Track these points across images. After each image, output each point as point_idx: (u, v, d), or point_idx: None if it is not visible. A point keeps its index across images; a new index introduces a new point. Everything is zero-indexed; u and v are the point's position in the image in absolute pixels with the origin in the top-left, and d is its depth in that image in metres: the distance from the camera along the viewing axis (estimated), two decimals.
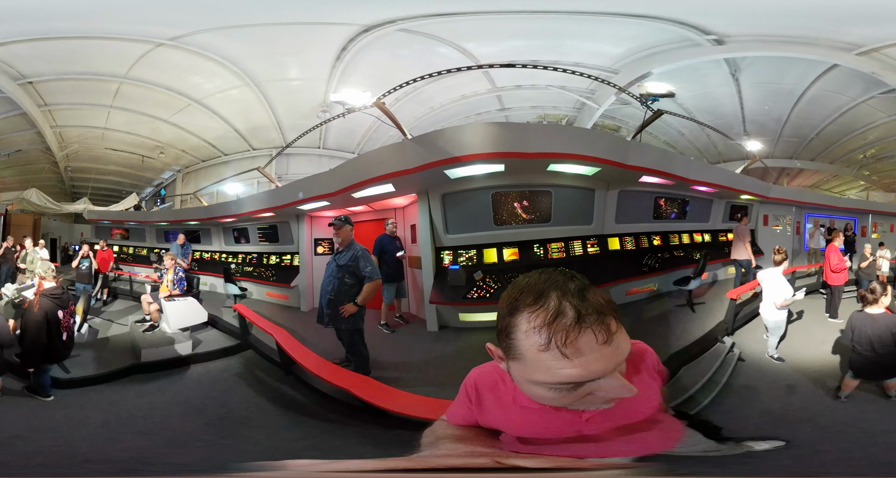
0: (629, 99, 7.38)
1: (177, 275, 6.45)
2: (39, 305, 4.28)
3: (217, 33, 6.35)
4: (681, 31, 6.43)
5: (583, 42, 6.84)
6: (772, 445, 1.14)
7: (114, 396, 4.62)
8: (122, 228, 9.90)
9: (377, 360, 4.78)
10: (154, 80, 7.47)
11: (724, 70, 7.53)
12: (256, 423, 4.18)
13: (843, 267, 6.21)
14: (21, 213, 8.92)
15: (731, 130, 8.60)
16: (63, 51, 6.57)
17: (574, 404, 0.86)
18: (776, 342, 5.22)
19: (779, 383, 4.70)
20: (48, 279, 4.52)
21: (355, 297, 4.52)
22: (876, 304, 4.14)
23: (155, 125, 8.54)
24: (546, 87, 7.95)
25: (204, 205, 9.26)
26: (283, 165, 8.78)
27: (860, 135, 8.47)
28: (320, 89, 7.43)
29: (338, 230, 4.66)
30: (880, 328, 4.03)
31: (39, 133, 8.12)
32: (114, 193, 9.75)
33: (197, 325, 6.31)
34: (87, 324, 5.84)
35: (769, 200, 8.53)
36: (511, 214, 6.17)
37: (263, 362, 5.57)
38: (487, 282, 5.80)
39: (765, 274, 5.30)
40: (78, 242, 9.89)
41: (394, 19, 6.09)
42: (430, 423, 1.13)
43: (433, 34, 6.43)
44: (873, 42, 6.13)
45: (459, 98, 8.04)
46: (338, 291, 4.57)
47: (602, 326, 0.79)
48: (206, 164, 9.56)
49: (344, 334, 4.65)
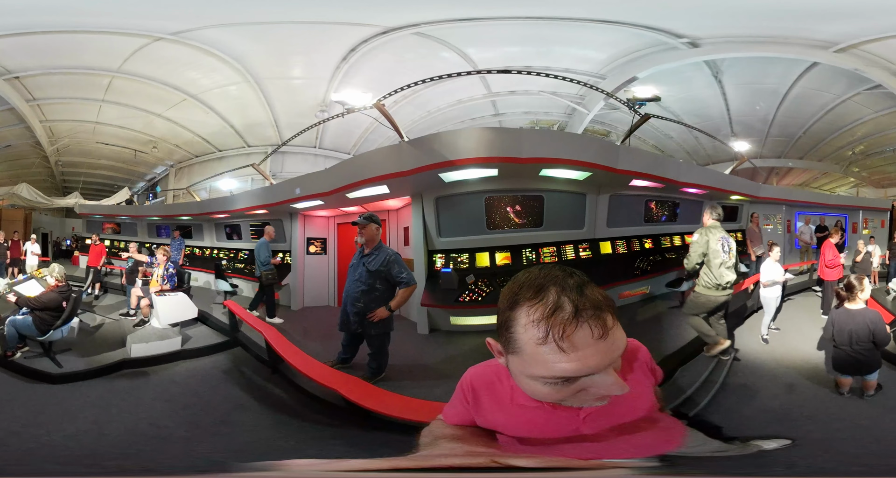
0: (617, 104, 7.47)
1: (167, 271, 6.42)
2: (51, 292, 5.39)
3: (225, 29, 6.34)
4: (653, 36, 6.51)
5: (570, 48, 6.94)
6: (779, 444, 1.12)
7: (104, 391, 4.61)
8: (113, 222, 9.82)
9: (362, 363, 4.72)
10: (149, 75, 7.43)
11: (706, 72, 7.62)
12: (241, 421, 4.16)
13: (837, 263, 6.34)
14: (12, 208, 8.84)
15: (719, 131, 8.70)
16: (51, 45, 6.51)
17: (568, 401, 0.86)
18: (768, 321, 5.70)
19: (775, 381, 4.72)
20: (61, 281, 5.51)
21: (387, 301, 4.32)
22: (855, 300, 4.09)
23: (148, 120, 8.50)
24: (538, 93, 8.04)
25: (197, 200, 9.22)
26: (278, 162, 8.77)
27: (848, 131, 8.55)
28: (321, 89, 7.44)
29: (362, 229, 4.34)
30: (858, 324, 4.00)
31: (29, 128, 8.04)
32: (105, 187, 9.68)
33: (187, 321, 6.29)
34: (79, 318, 5.83)
35: (759, 199, 8.59)
36: (504, 218, 6.22)
37: (251, 359, 5.57)
38: (479, 285, 5.83)
39: (764, 262, 5.88)
40: (70, 236, 9.84)
41: (417, 23, 6.13)
42: (418, 425, 1.12)
43: (442, 39, 6.48)
44: (849, 38, 6.20)
45: (456, 102, 8.10)
46: (369, 297, 4.35)
47: (599, 321, 0.79)
48: (199, 159, 9.51)
49: (374, 339, 4.47)
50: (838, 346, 4.11)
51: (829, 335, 4.22)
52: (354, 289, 4.42)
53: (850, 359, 4.06)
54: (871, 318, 4.02)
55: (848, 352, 4.06)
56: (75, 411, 4.11)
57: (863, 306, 4.12)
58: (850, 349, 4.04)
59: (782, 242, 8.55)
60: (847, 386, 4.24)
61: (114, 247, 9.47)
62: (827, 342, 4.33)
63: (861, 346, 4.00)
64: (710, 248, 4.81)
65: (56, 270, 5.52)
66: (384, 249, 4.39)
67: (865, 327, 3.97)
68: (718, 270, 4.79)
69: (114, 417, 4.08)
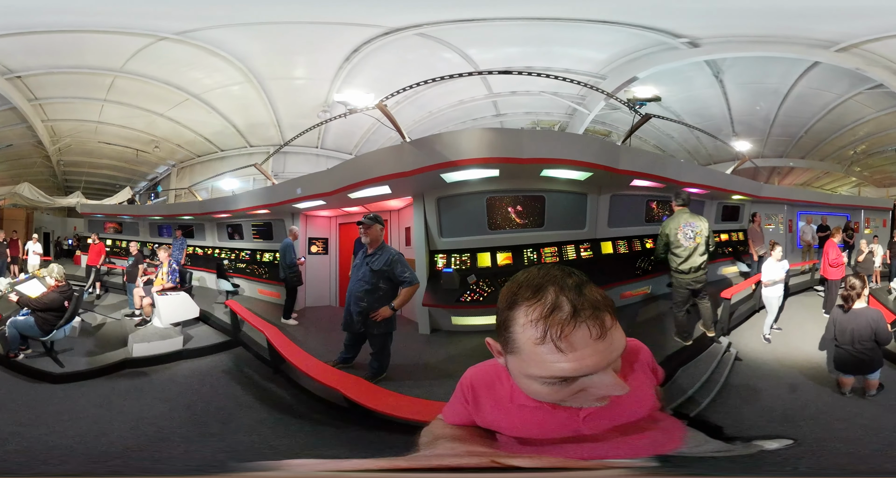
0: (618, 104, 7.46)
1: (170, 267, 6.45)
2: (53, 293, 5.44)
3: (229, 29, 6.34)
4: (653, 36, 6.51)
5: (570, 48, 6.94)
6: (780, 443, 1.12)
7: (105, 391, 4.62)
8: (115, 221, 9.84)
9: (364, 363, 4.73)
10: (152, 75, 7.44)
11: (706, 72, 7.60)
12: (242, 421, 4.17)
13: (840, 262, 6.34)
14: (13, 207, 8.86)
15: (720, 131, 8.67)
16: (53, 45, 6.52)
17: (567, 401, 0.86)
18: (770, 321, 5.68)
19: (777, 381, 4.73)
20: (61, 281, 5.51)
21: (390, 301, 4.36)
22: (858, 299, 4.09)
23: (151, 119, 8.51)
24: (539, 94, 8.03)
25: (198, 200, 9.23)
26: (280, 162, 8.78)
27: (850, 131, 8.51)
28: (323, 89, 7.44)
29: (367, 229, 4.37)
30: (860, 323, 4.00)
31: (30, 127, 8.06)
32: (107, 186, 9.70)
33: (188, 320, 6.31)
34: (80, 318, 5.85)
35: (761, 199, 8.56)
36: (505, 218, 6.22)
37: (253, 359, 5.57)
38: (481, 285, 5.84)
39: (766, 262, 5.91)
40: (71, 235, 9.86)
41: (420, 23, 6.13)
42: (418, 425, 1.12)
43: (444, 39, 6.48)
44: (850, 38, 6.19)
45: (457, 103, 8.10)
46: (372, 296, 4.39)
47: (597, 321, 0.79)
48: (201, 159, 9.53)
49: (377, 338, 4.51)
50: (840, 345, 4.11)
51: (831, 335, 4.22)
52: (358, 288, 4.46)
53: (852, 358, 4.06)
54: (873, 317, 4.02)
55: (850, 351, 4.06)
56: (76, 411, 4.13)
57: (864, 305, 4.11)
58: (853, 348, 4.04)
59: (784, 242, 8.54)
60: (849, 386, 4.24)
61: (115, 246, 9.50)
62: (829, 342, 4.32)
63: (863, 345, 4.00)
64: (671, 237, 5.18)
65: (55, 270, 5.51)
66: (387, 249, 4.43)
67: (867, 326, 3.97)
68: (683, 256, 5.16)
69: (115, 416, 4.09)
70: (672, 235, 5.19)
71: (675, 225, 5.19)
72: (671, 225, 5.22)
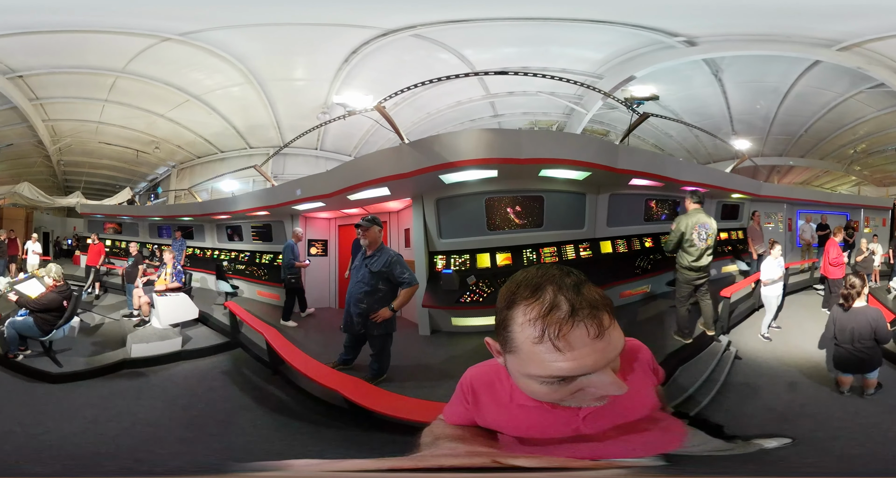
0: (616, 103, 7.46)
1: (175, 268, 6.48)
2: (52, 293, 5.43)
3: (230, 31, 6.34)
4: (649, 35, 6.50)
5: (566, 48, 6.92)
6: (780, 442, 1.12)
7: (104, 391, 4.61)
8: (115, 222, 9.84)
9: (364, 364, 4.74)
10: (153, 75, 7.44)
11: (705, 71, 7.56)
12: (241, 421, 4.16)
13: (841, 261, 6.35)
14: (13, 207, 8.85)
15: (720, 130, 8.64)
16: (55, 44, 6.51)
17: (566, 401, 0.86)
18: (769, 320, 5.70)
19: (777, 380, 4.73)
20: (59, 281, 5.51)
21: (389, 302, 4.37)
22: (858, 298, 4.10)
23: (151, 120, 8.50)
24: (536, 94, 8.02)
25: (198, 201, 9.23)
26: (279, 164, 8.77)
27: (850, 130, 8.46)
28: (323, 91, 7.44)
29: (365, 232, 4.40)
30: (860, 322, 4.00)
31: (31, 127, 8.04)
32: (107, 187, 9.69)
33: (187, 321, 6.30)
34: (79, 318, 5.84)
35: (760, 198, 8.54)
36: (504, 219, 6.22)
37: (252, 360, 5.57)
38: (480, 286, 5.84)
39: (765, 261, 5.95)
40: (71, 235, 9.85)
41: (414, 24, 6.13)
42: (419, 425, 1.12)
43: (440, 40, 6.47)
44: (851, 37, 6.17)
45: (455, 104, 8.09)
46: (372, 298, 4.41)
47: (595, 320, 0.79)
48: (201, 160, 9.52)
49: (376, 339, 4.51)
50: (840, 344, 4.12)
51: (831, 334, 4.23)
52: (357, 290, 4.47)
53: (852, 357, 4.07)
54: (873, 315, 4.03)
55: (849, 350, 4.07)
56: (75, 411, 4.12)
57: (864, 304, 4.12)
58: (852, 347, 4.05)
59: (783, 241, 8.54)
60: (847, 384, 4.25)
61: (115, 247, 9.49)
62: (828, 341, 4.33)
63: (863, 344, 4.01)
64: (687, 235, 5.24)
65: (53, 270, 5.49)
66: (386, 251, 4.45)
67: (867, 325, 3.98)
68: (694, 255, 5.25)
69: (113, 417, 4.09)
70: (688, 233, 5.25)
71: (692, 224, 5.25)
72: (687, 223, 5.26)
